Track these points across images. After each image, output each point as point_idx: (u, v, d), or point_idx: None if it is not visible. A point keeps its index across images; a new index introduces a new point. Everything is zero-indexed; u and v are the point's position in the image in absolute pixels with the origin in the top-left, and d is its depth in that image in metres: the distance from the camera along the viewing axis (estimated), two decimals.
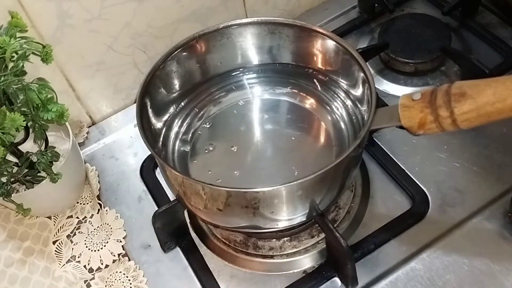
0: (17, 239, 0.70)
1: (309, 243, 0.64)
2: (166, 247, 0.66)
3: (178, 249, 0.66)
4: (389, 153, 0.70)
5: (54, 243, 0.69)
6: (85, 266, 0.66)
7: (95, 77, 0.77)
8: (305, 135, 0.67)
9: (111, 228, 0.69)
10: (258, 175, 0.63)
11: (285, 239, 0.65)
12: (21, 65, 0.57)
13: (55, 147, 0.64)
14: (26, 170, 0.62)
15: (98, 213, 0.71)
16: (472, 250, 0.61)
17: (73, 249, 0.68)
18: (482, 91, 0.47)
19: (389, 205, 0.66)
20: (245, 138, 0.67)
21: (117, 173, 0.75)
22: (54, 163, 0.63)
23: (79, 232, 0.69)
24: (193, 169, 0.64)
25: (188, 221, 0.68)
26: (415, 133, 0.51)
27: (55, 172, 0.63)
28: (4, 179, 0.61)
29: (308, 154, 0.64)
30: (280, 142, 0.66)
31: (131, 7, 0.73)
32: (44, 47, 0.59)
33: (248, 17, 0.78)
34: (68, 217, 0.71)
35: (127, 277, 0.64)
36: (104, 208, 0.71)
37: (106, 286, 0.64)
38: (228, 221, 0.59)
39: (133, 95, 0.82)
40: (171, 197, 0.69)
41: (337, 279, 0.61)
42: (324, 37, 0.63)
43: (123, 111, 0.83)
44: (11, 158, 0.62)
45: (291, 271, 0.63)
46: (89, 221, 0.70)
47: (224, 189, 0.52)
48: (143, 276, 0.64)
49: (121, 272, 0.65)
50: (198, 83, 0.69)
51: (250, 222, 0.56)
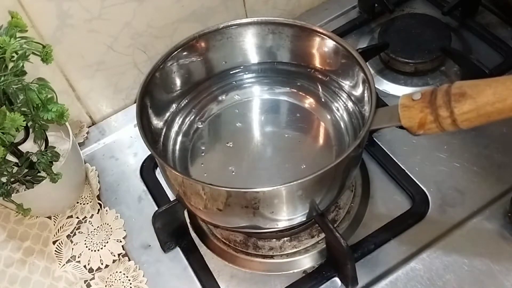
0: (17, 239, 0.70)
1: (309, 243, 0.64)
2: (166, 247, 0.66)
3: (178, 249, 0.66)
4: (389, 153, 0.70)
5: (54, 243, 0.69)
6: (85, 266, 0.66)
7: (95, 77, 0.77)
8: (305, 135, 0.67)
9: (111, 228, 0.69)
10: (258, 175, 0.63)
11: (285, 239, 0.65)
12: (21, 65, 0.57)
13: (55, 147, 0.64)
14: (26, 170, 0.62)
15: (98, 213, 0.71)
16: (472, 250, 0.61)
17: (73, 249, 0.68)
18: (482, 91, 0.47)
19: (389, 205, 0.66)
20: (245, 138, 0.67)
21: (117, 173, 0.75)
22: (54, 163, 0.63)
23: (79, 232, 0.69)
24: (193, 169, 0.64)
25: (188, 221, 0.68)
26: (415, 133, 0.51)
27: (55, 172, 0.63)
28: (4, 179, 0.61)
29: (308, 154, 0.64)
30: (280, 142, 0.66)
31: (131, 7, 0.73)
32: (44, 47, 0.59)
33: (248, 17, 0.78)
34: (68, 217, 0.71)
35: (127, 277, 0.64)
36: (104, 208, 0.71)
37: (106, 286, 0.64)
38: (228, 221, 0.59)
39: (133, 95, 0.82)
40: (171, 197, 0.69)
41: (337, 279, 0.61)
42: (324, 37, 0.63)
43: (123, 111, 0.83)
44: (11, 158, 0.62)
45: (291, 271, 0.63)
46: (89, 221, 0.70)
47: (224, 189, 0.52)
48: (143, 276, 0.64)
49: (121, 272, 0.65)
50: (198, 83, 0.69)
51: (250, 222, 0.56)
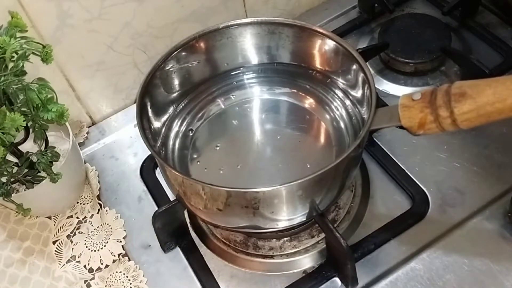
0: (17, 239, 0.70)
1: (309, 243, 0.64)
2: (166, 247, 0.66)
3: (178, 249, 0.66)
4: (389, 153, 0.70)
5: (54, 243, 0.69)
6: (85, 266, 0.66)
7: (95, 77, 0.77)
8: (305, 135, 0.67)
9: (111, 228, 0.69)
10: (258, 175, 0.63)
11: (285, 239, 0.65)
12: (21, 65, 0.57)
13: (55, 147, 0.64)
14: (26, 170, 0.62)
15: (98, 213, 0.71)
16: (472, 250, 0.61)
17: (73, 249, 0.68)
18: (482, 91, 0.47)
19: (389, 205, 0.66)
20: (245, 138, 0.67)
21: (117, 173, 0.75)
22: (54, 163, 0.63)
23: (79, 232, 0.69)
24: (193, 169, 0.64)
25: (188, 221, 0.68)
26: (415, 133, 0.51)
27: (55, 172, 0.63)
28: (4, 179, 0.61)
29: (308, 154, 0.64)
30: (280, 142, 0.66)
31: (131, 7, 0.73)
32: (44, 47, 0.59)
33: (248, 17, 0.78)
34: (68, 217, 0.71)
35: (127, 277, 0.64)
36: (104, 208, 0.71)
37: (106, 286, 0.64)
38: (228, 221, 0.59)
39: (133, 95, 0.82)
40: (171, 197, 0.69)
41: (337, 279, 0.61)
42: (324, 37, 0.63)
43: (123, 111, 0.83)
44: (11, 158, 0.62)
45: (291, 271, 0.63)
46: (89, 221, 0.70)
47: (224, 189, 0.52)
48: (143, 276, 0.64)
49: (121, 272, 0.65)
50: (198, 83, 0.69)
51: (250, 222, 0.56)
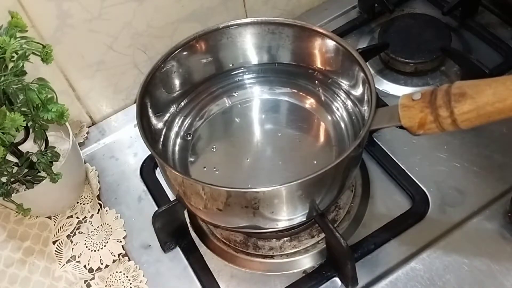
0: (17, 239, 0.70)
1: (309, 243, 0.64)
2: (166, 247, 0.66)
3: (178, 249, 0.66)
4: (389, 153, 0.70)
5: (54, 243, 0.69)
6: (85, 266, 0.66)
7: (95, 77, 0.77)
8: (305, 135, 0.67)
9: (111, 228, 0.69)
10: (258, 175, 0.63)
11: (285, 239, 0.65)
12: (21, 65, 0.57)
13: (55, 147, 0.64)
14: (26, 170, 0.62)
15: (98, 213, 0.71)
16: (472, 250, 0.61)
17: (73, 249, 0.68)
18: (482, 91, 0.47)
19: (389, 205, 0.66)
20: (245, 138, 0.67)
21: (117, 173, 0.75)
22: (54, 163, 0.63)
23: (79, 232, 0.69)
24: (193, 169, 0.64)
25: (188, 221, 0.68)
26: (415, 133, 0.51)
27: (55, 172, 0.63)
28: (4, 179, 0.61)
29: (308, 154, 0.64)
30: (280, 142, 0.66)
31: (131, 7, 0.73)
32: (44, 47, 0.59)
33: (248, 17, 0.78)
34: (68, 217, 0.71)
35: (127, 277, 0.64)
36: (104, 208, 0.71)
37: (106, 286, 0.64)
38: (228, 221, 0.59)
39: (133, 95, 0.82)
40: (171, 197, 0.69)
41: (337, 279, 0.61)
42: (324, 37, 0.63)
43: (123, 111, 0.83)
44: (11, 158, 0.62)
45: (291, 271, 0.63)
46: (89, 221, 0.70)
47: (224, 189, 0.52)
48: (143, 276, 0.64)
49: (121, 272, 0.65)
50: (198, 83, 0.69)
51: (250, 222, 0.56)
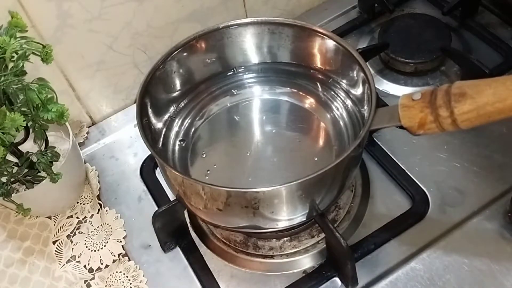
0: (17, 239, 0.70)
1: (309, 243, 0.64)
2: (166, 247, 0.66)
3: (178, 249, 0.66)
4: (389, 153, 0.70)
5: (54, 243, 0.69)
6: (85, 266, 0.66)
7: (95, 77, 0.77)
8: (305, 135, 0.67)
9: (111, 228, 0.69)
10: (258, 175, 0.63)
11: (285, 239, 0.65)
12: (21, 65, 0.57)
13: (55, 147, 0.64)
14: (26, 170, 0.62)
15: (98, 213, 0.71)
16: (472, 250, 0.61)
17: (73, 249, 0.68)
18: (482, 91, 0.47)
19: (389, 205, 0.66)
20: (245, 138, 0.67)
21: (117, 173, 0.75)
22: (54, 163, 0.63)
23: (79, 232, 0.69)
24: (193, 169, 0.64)
25: (188, 221, 0.68)
26: (415, 133, 0.51)
27: (55, 172, 0.63)
28: (4, 179, 0.61)
29: (308, 154, 0.64)
30: (280, 142, 0.66)
31: (131, 7, 0.73)
32: (44, 47, 0.59)
33: (248, 17, 0.78)
34: (68, 217, 0.71)
35: (127, 277, 0.64)
36: (104, 208, 0.71)
37: (106, 286, 0.64)
38: (228, 221, 0.59)
39: (133, 95, 0.82)
40: (171, 197, 0.69)
41: (337, 279, 0.61)
42: (324, 37, 0.63)
43: (123, 111, 0.83)
44: (11, 158, 0.62)
45: (291, 271, 0.63)
46: (89, 221, 0.70)
47: (224, 189, 0.52)
48: (143, 276, 0.64)
49: (121, 272, 0.65)
50: (198, 83, 0.69)
51: (250, 222, 0.56)
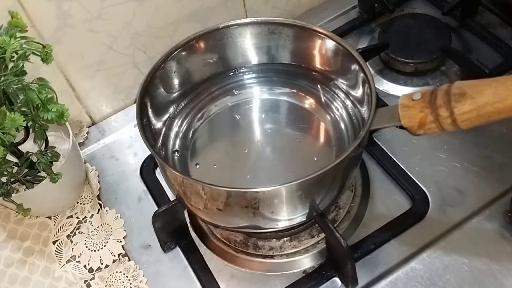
0: (17, 239, 0.70)
1: (309, 243, 0.64)
2: (166, 247, 0.66)
3: (178, 249, 0.66)
4: (389, 153, 0.70)
5: (54, 243, 0.69)
6: (85, 266, 0.66)
7: (95, 77, 0.77)
8: (305, 135, 0.67)
9: (111, 228, 0.69)
10: (258, 175, 0.63)
11: (285, 239, 0.65)
12: (21, 65, 0.57)
13: (55, 147, 0.64)
14: (26, 170, 0.62)
15: (98, 213, 0.71)
16: (472, 250, 0.61)
17: (73, 249, 0.68)
18: (482, 91, 0.47)
19: (389, 205, 0.66)
20: (245, 138, 0.67)
21: (117, 173, 0.75)
22: (54, 163, 0.63)
23: (79, 232, 0.69)
24: (193, 169, 0.64)
25: (188, 221, 0.68)
26: (415, 133, 0.51)
27: (55, 172, 0.63)
28: (4, 179, 0.61)
29: (308, 154, 0.64)
30: (280, 142, 0.66)
31: (131, 7, 0.73)
32: (44, 47, 0.59)
33: (248, 17, 0.78)
34: (68, 217, 0.71)
35: (127, 277, 0.64)
36: (104, 208, 0.71)
37: (106, 286, 0.64)
38: (228, 221, 0.59)
39: (133, 95, 0.82)
40: (171, 197, 0.69)
41: (337, 279, 0.61)
42: (324, 37, 0.63)
43: (123, 111, 0.83)
44: (11, 158, 0.62)
45: (291, 271, 0.63)
46: (89, 221, 0.70)
47: (224, 189, 0.52)
48: (143, 276, 0.64)
49: (121, 272, 0.65)
50: (198, 83, 0.69)
51: (250, 222, 0.56)
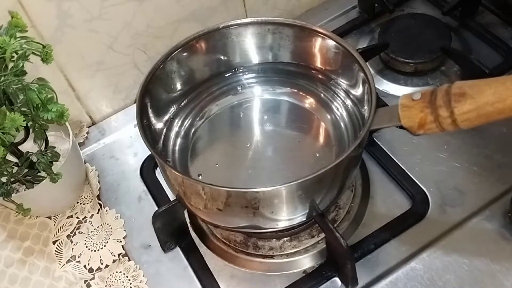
0: (17, 239, 0.70)
1: (309, 243, 0.64)
2: (166, 247, 0.66)
3: (178, 249, 0.66)
4: (389, 153, 0.70)
5: (54, 243, 0.69)
6: (85, 266, 0.66)
7: (95, 77, 0.77)
8: (305, 135, 0.67)
9: (111, 228, 0.69)
10: (258, 175, 0.63)
11: (285, 239, 0.65)
12: (21, 65, 0.57)
13: (55, 147, 0.64)
14: (26, 170, 0.62)
15: (98, 213, 0.71)
16: (472, 250, 0.61)
17: (73, 249, 0.68)
18: (482, 91, 0.47)
19: (389, 205, 0.66)
20: (245, 138, 0.67)
21: (117, 173, 0.75)
22: (54, 163, 0.63)
23: (79, 232, 0.69)
24: (193, 169, 0.64)
25: (188, 221, 0.68)
26: (415, 133, 0.51)
27: (55, 172, 0.63)
28: (4, 179, 0.61)
29: (308, 154, 0.64)
30: (280, 142, 0.66)
31: (131, 7, 0.73)
32: (44, 47, 0.59)
33: (248, 17, 0.78)
34: (68, 217, 0.71)
35: (127, 277, 0.64)
36: (104, 208, 0.71)
37: (106, 286, 0.64)
38: (228, 221, 0.59)
39: (133, 95, 0.82)
40: (171, 197, 0.69)
41: (337, 279, 0.61)
42: (324, 37, 0.63)
43: (123, 111, 0.83)
44: (11, 158, 0.62)
45: (291, 271, 0.63)
46: (89, 221, 0.70)
47: (224, 189, 0.52)
48: (143, 276, 0.64)
49: (121, 272, 0.65)
50: (198, 83, 0.69)
51: (250, 222, 0.56)
